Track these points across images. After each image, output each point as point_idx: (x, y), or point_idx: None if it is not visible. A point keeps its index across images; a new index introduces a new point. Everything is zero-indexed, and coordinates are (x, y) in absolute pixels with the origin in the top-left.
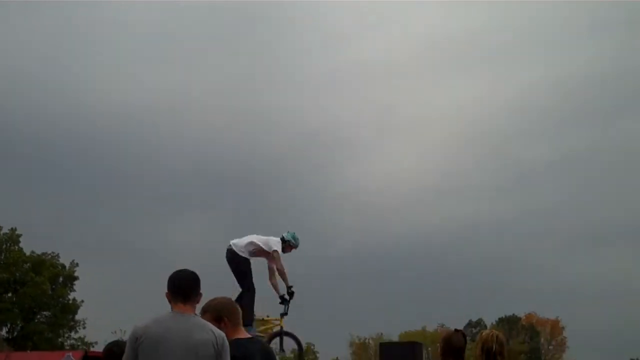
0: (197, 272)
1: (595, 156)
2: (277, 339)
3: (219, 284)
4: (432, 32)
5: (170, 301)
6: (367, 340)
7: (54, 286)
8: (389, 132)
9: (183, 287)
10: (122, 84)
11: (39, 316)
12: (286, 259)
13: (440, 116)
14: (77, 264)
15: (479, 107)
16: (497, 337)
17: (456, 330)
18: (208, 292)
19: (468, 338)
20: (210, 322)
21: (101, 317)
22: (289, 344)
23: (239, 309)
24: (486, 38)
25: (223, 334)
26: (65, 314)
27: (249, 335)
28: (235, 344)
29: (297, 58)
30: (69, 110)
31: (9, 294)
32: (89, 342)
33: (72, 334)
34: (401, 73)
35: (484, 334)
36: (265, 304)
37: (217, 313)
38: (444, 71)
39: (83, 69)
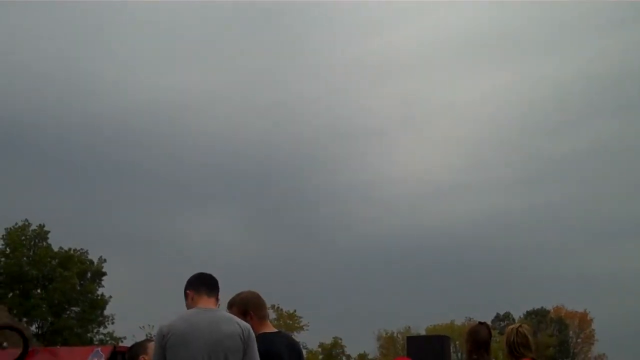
0: (223, 269)
1: (620, 148)
2: None
3: (243, 282)
4: (457, 25)
5: (192, 299)
6: (395, 334)
7: (82, 282)
8: (411, 124)
9: (206, 280)
10: (143, 80)
11: (68, 312)
12: (316, 251)
13: (464, 108)
14: (105, 260)
15: (502, 100)
16: (517, 329)
17: (480, 322)
18: (234, 288)
19: (496, 332)
20: (236, 315)
21: (129, 312)
22: None
23: (265, 303)
24: (510, 32)
25: (249, 326)
26: (94, 309)
27: (276, 330)
28: (262, 338)
29: (321, 47)
30: (95, 107)
31: (38, 290)
32: (117, 337)
33: (101, 329)
34: (426, 65)
35: (508, 328)
36: (292, 300)
37: (244, 307)
38: (469, 64)
39: (105, 64)
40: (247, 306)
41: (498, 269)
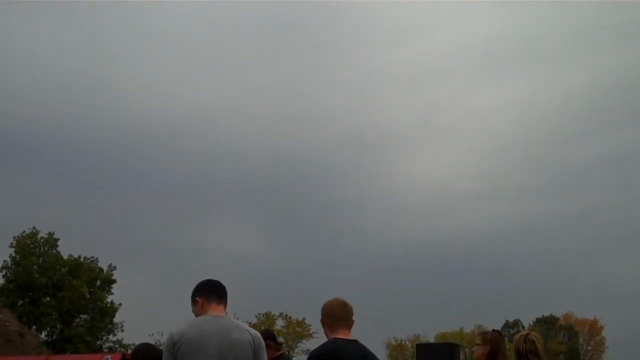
0: (235, 277)
1: (635, 157)
2: None
3: (254, 292)
4: (477, 35)
5: (202, 307)
6: (404, 342)
7: (91, 289)
8: (430, 132)
9: (216, 287)
10: (160, 92)
11: (77, 319)
12: (331, 258)
13: (484, 117)
14: (114, 267)
15: (520, 109)
16: (525, 336)
17: (494, 330)
18: (244, 300)
19: (505, 339)
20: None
21: (139, 320)
22: None
23: (345, 313)
24: (527, 42)
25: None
26: (104, 317)
27: (350, 338)
28: (324, 343)
29: (343, 58)
30: (110, 119)
31: (48, 298)
32: (126, 344)
33: (110, 336)
34: (447, 74)
35: (516, 335)
36: (303, 307)
37: (321, 313)
38: (488, 73)
39: (120, 77)
40: (323, 312)
41: (507, 275)
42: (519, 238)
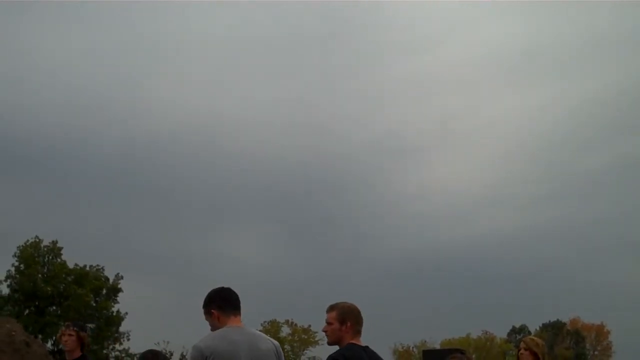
0: (241, 285)
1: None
2: None
3: (260, 299)
4: (489, 45)
5: (218, 319)
6: (411, 348)
7: (97, 298)
8: (445, 140)
9: (233, 299)
10: (170, 103)
11: None
12: (335, 263)
13: (499, 126)
14: (121, 277)
15: (529, 117)
16: (531, 341)
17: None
18: (250, 307)
19: (512, 344)
20: (333, 319)
21: (145, 328)
22: None
23: (362, 320)
24: (538, 52)
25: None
26: (110, 326)
27: (364, 345)
28: (350, 346)
29: (358, 67)
30: (123, 130)
31: (54, 307)
32: (132, 353)
33: (117, 345)
34: (459, 84)
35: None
36: (308, 315)
37: (345, 315)
38: (503, 83)
39: (132, 87)
40: (348, 316)
41: (515, 281)
42: (526, 244)
